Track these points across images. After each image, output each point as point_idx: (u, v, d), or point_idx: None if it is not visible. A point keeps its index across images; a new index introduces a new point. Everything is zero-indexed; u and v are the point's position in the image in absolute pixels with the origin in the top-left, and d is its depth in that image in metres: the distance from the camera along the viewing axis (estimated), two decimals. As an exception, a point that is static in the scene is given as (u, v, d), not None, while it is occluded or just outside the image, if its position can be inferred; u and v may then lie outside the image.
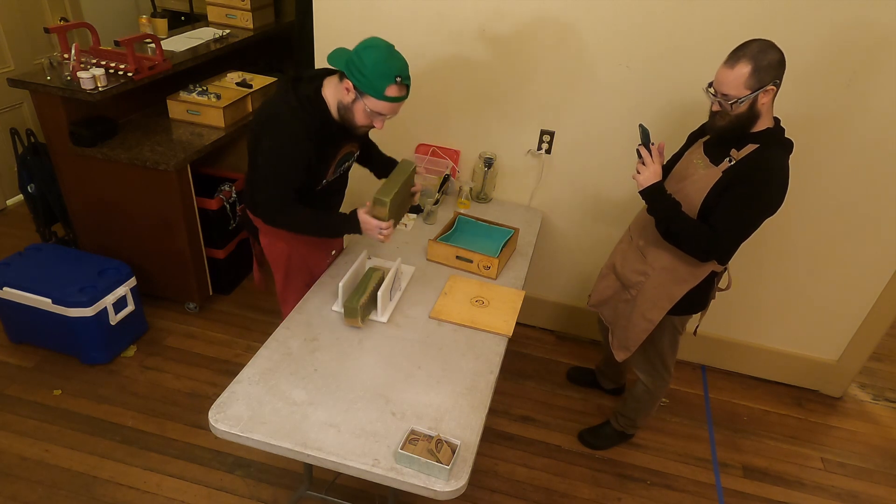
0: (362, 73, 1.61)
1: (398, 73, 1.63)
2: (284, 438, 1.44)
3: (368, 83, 1.62)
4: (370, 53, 1.61)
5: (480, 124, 2.65)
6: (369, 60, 1.60)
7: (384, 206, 1.78)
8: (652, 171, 1.82)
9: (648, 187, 1.82)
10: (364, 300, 1.78)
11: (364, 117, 1.71)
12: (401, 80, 1.64)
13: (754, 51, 1.61)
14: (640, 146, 1.85)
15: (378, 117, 1.72)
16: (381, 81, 1.61)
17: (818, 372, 2.92)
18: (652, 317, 2.04)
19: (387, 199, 1.77)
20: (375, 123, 1.74)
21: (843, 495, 2.47)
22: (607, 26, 2.30)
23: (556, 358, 3.01)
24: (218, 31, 3.40)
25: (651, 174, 1.82)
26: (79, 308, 2.44)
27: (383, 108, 1.68)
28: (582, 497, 2.33)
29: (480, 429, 1.53)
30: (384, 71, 1.61)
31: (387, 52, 1.63)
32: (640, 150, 1.85)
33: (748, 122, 1.70)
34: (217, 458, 2.31)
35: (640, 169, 1.84)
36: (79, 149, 2.58)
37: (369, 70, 1.60)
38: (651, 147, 1.85)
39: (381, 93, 1.63)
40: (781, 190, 1.71)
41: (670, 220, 1.82)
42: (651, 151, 1.84)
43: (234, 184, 2.98)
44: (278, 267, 2.08)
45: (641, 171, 1.83)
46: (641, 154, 1.84)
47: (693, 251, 1.83)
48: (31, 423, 2.36)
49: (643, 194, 1.85)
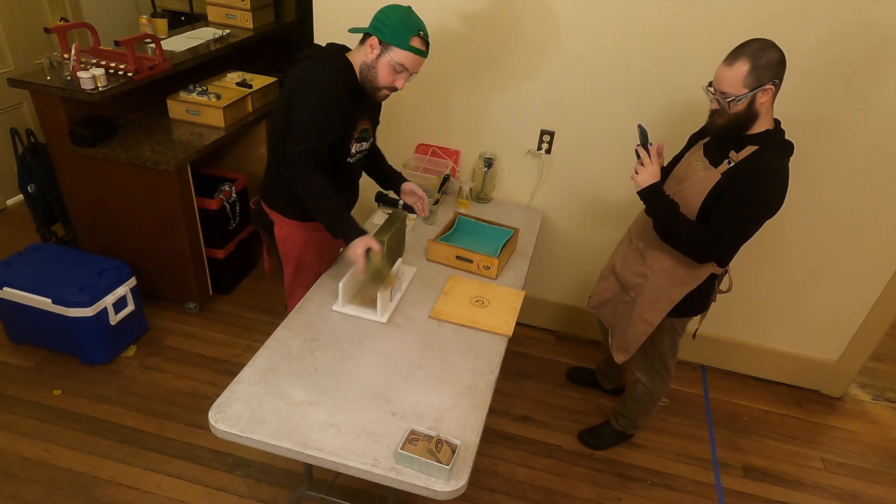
0: (387, 27, 1.72)
1: (420, 27, 1.75)
2: (284, 438, 1.43)
3: (394, 34, 1.72)
4: (394, 10, 1.74)
5: (480, 124, 2.65)
6: (394, 14, 1.73)
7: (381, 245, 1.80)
8: (650, 172, 1.82)
9: (647, 188, 1.82)
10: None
11: (388, 74, 1.78)
12: (423, 34, 1.75)
13: (753, 49, 1.61)
14: (639, 146, 1.85)
15: (401, 73, 1.78)
16: (406, 33, 1.72)
17: (818, 372, 2.92)
18: (651, 319, 2.03)
19: (384, 238, 1.87)
20: (397, 82, 1.80)
21: (843, 495, 2.47)
22: (607, 26, 2.30)
23: (556, 358, 3.01)
24: (218, 31, 3.40)
25: (649, 174, 1.82)
26: (79, 308, 2.44)
27: (407, 59, 1.75)
28: (582, 497, 2.33)
29: (480, 429, 1.53)
30: (409, 24, 1.72)
31: (409, 10, 1.76)
32: (638, 150, 1.85)
33: (746, 122, 1.70)
34: (217, 458, 2.31)
35: (639, 169, 1.84)
36: (79, 149, 2.58)
37: (394, 22, 1.72)
38: (650, 147, 1.85)
39: (406, 43, 1.72)
40: (780, 192, 1.70)
41: (668, 221, 1.81)
42: (650, 152, 1.84)
43: (234, 184, 2.98)
44: (289, 261, 2.08)
45: (640, 172, 1.83)
46: (640, 154, 1.84)
47: (691, 252, 1.83)
48: (31, 423, 2.36)
49: (641, 195, 1.85)
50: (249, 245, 3.29)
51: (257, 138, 3.28)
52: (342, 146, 1.88)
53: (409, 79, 1.82)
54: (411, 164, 2.71)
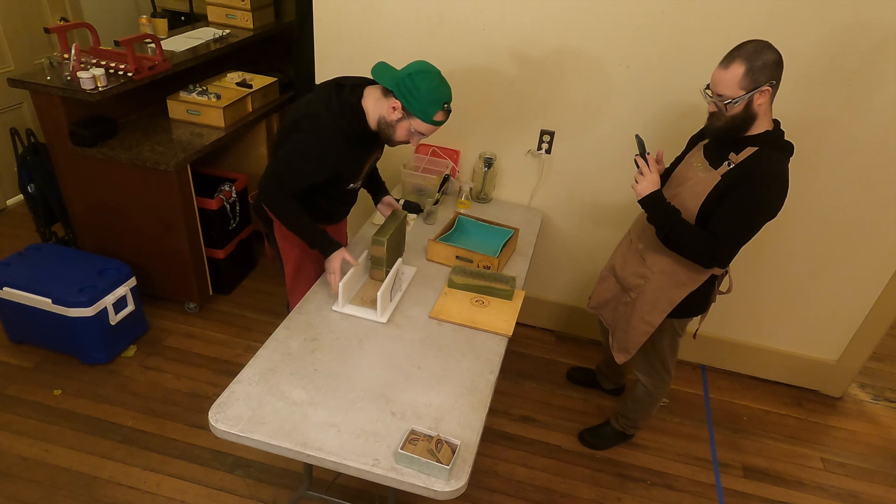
0: (415, 98, 1.68)
1: (446, 99, 1.72)
2: (284, 438, 1.43)
3: (420, 108, 1.70)
4: (424, 79, 1.68)
5: (480, 124, 2.65)
6: (424, 87, 1.68)
7: (381, 244, 1.91)
8: (650, 181, 1.82)
9: (647, 196, 1.82)
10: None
11: (404, 136, 1.79)
12: (447, 105, 1.73)
13: (749, 51, 1.61)
14: (637, 156, 1.87)
15: (418, 137, 1.80)
16: (432, 108, 1.70)
17: (818, 372, 2.92)
18: (652, 320, 2.03)
19: (384, 237, 1.90)
20: (412, 142, 1.81)
21: (843, 495, 2.47)
22: (607, 26, 2.30)
23: (556, 358, 3.01)
24: (218, 31, 3.40)
25: (649, 183, 1.82)
26: (79, 308, 2.44)
27: (428, 130, 1.76)
28: (582, 497, 2.33)
29: (480, 429, 1.53)
30: (436, 98, 1.69)
31: (439, 80, 1.71)
32: (637, 160, 1.86)
33: (744, 124, 1.70)
34: (217, 458, 2.31)
35: (639, 179, 1.84)
36: (79, 149, 2.58)
37: (423, 96, 1.68)
38: (648, 157, 1.85)
39: (430, 117, 1.72)
40: (781, 194, 1.70)
41: (670, 228, 1.81)
42: (648, 161, 1.84)
43: (234, 184, 2.98)
44: (289, 259, 2.10)
45: (640, 181, 1.84)
46: (639, 164, 1.85)
47: (694, 258, 1.83)
48: (31, 423, 2.36)
49: (642, 203, 1.85)
50: (249, 245, 3.29)
51: (257, 138, 3.28)
52: (350, 178, 1.93)
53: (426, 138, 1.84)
54: (411, 164, 2.71)
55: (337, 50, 2.60)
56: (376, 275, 2.02)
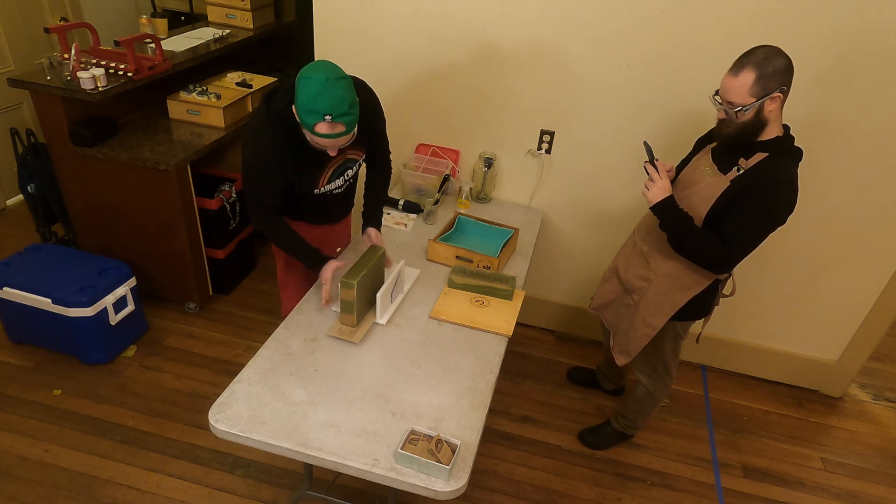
0: (297, 105, 1.55)
1: (328, 111, 1.50)
2: (284, 438, 1.43)
3: (301, 117, 1.56)
4: (304, 85, 1.51)
5: (480, 124, 2.65)
6: (302, 94, 1.52)
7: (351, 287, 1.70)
8: (660, 187, 1.80)
9: (659, 202, 1.80)
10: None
11: (313, 141, 1.62)
12: (331, 118, 1.51)
13: (759, 58, 1.58)
14: (647, 163, 1.84)
15: (321, 146, 1.63)
16: (309, 118, 1.53)
17: (818, 372, 2.92)
18: (654, 323, 2.02)
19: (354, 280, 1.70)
20: (327, 149, 1.64)
21: (843, 495, 2.47)
22: (608, 26, 2.30)
23: (556, 358, 3.01)
24: (218, 31, 3.40)
25: (659, 190, 1.80)
26: (79, 308, 2.44)
27: (317, 141, 1.60)
28: (582, 497, 2.33)
29: (480, 429, 1.53)
30: (313, 108, 1.51)
31: (320, 87, 1.49)
32: (646, 167, 1.84)
33: (755, 130, 1.68)
34: (217, 458, 2.30)
35: (649, 185, 1.82)
36: (79, 149, 2.58)
37: (301, 103, 1.53)
38: (657, 162, 1.84)
39: (310, 128, 1.56)
40: (791, 200, 1.68)
41: (683, 235, 1.80)
42: (657, 168, 1.83)
43: (234, 184, 2.98)
44: (279, 255, 2.13)
45: (650, 188, 1.82)
46: (648, 171, 1.83)
47: (707, 264, 1.82)
48: (31, 423, 2.36)
49: (654, 210, 1.83)
50: (249, 245, 3.29)
51: (257, 138, 3.27)
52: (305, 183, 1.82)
53: (340, 146, 1.64)
54: (411, 164, 2.71)
55: (337, 50, 2.60)
56: (346, 320, 1.78)
